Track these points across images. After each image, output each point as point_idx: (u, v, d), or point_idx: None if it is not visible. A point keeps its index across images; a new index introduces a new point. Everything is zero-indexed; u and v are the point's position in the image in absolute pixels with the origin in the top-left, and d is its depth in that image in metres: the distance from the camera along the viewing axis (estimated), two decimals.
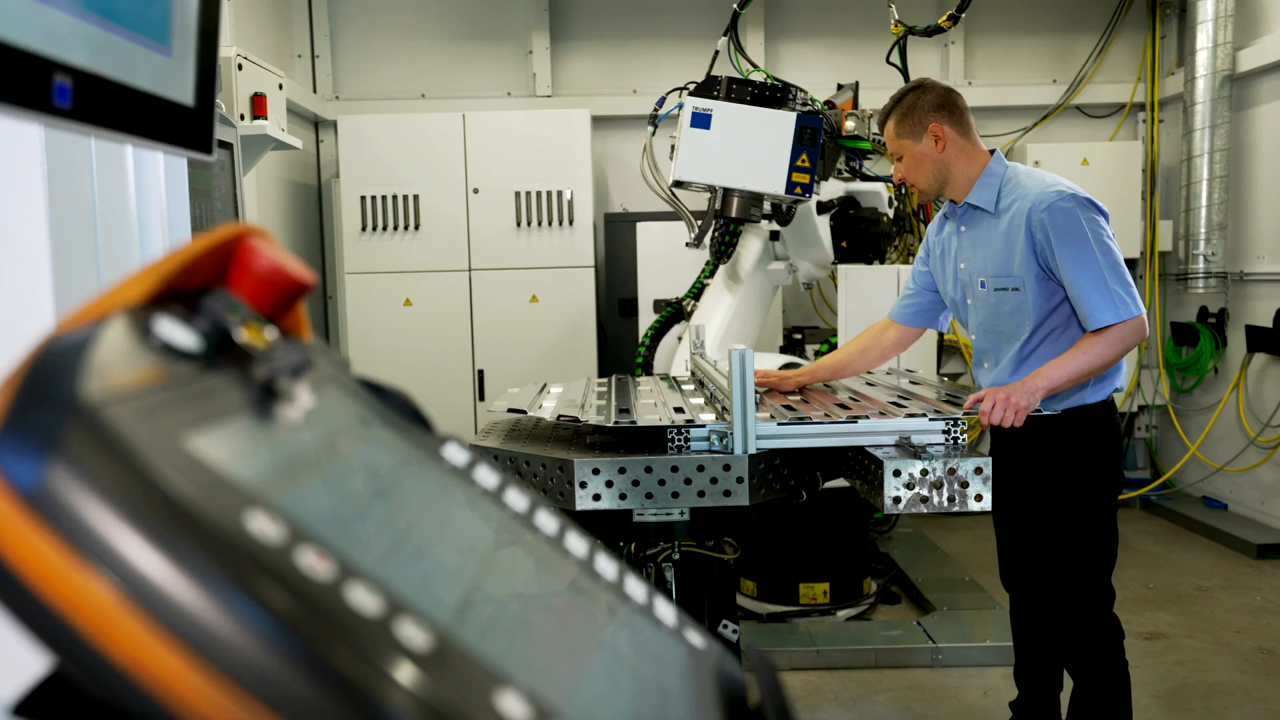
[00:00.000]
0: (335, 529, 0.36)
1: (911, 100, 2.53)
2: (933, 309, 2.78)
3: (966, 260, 2.57)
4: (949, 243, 2.64)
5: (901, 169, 2.58)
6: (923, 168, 2.53)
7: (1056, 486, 2.51)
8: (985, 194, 2.50)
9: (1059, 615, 2.58)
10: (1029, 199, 2.40)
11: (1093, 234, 2.34)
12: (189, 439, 0.34)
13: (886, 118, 2.57)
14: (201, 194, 2.61)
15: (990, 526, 2.86)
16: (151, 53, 0.69)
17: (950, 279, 2.65)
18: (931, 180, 2.54)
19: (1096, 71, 6.10)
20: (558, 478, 2.05)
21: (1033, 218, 2.38)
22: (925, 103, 2.52)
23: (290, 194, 5.68)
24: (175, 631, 0.29)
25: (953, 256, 2.62)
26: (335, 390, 0.47)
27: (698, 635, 0.51)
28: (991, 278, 2.49)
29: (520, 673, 0.36)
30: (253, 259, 0.45)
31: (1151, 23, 6.05)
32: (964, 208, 2.55)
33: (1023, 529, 2.65)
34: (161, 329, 0.39)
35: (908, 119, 2.53)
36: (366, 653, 0.30)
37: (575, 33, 6.11)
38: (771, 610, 4.12)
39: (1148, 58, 6.06)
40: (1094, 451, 2.49)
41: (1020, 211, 2.41)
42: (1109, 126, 6.17)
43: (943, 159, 2.52)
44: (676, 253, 3.95)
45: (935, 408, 2.27)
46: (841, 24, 6.03)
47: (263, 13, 5.47)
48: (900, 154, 2.56)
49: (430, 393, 5.24)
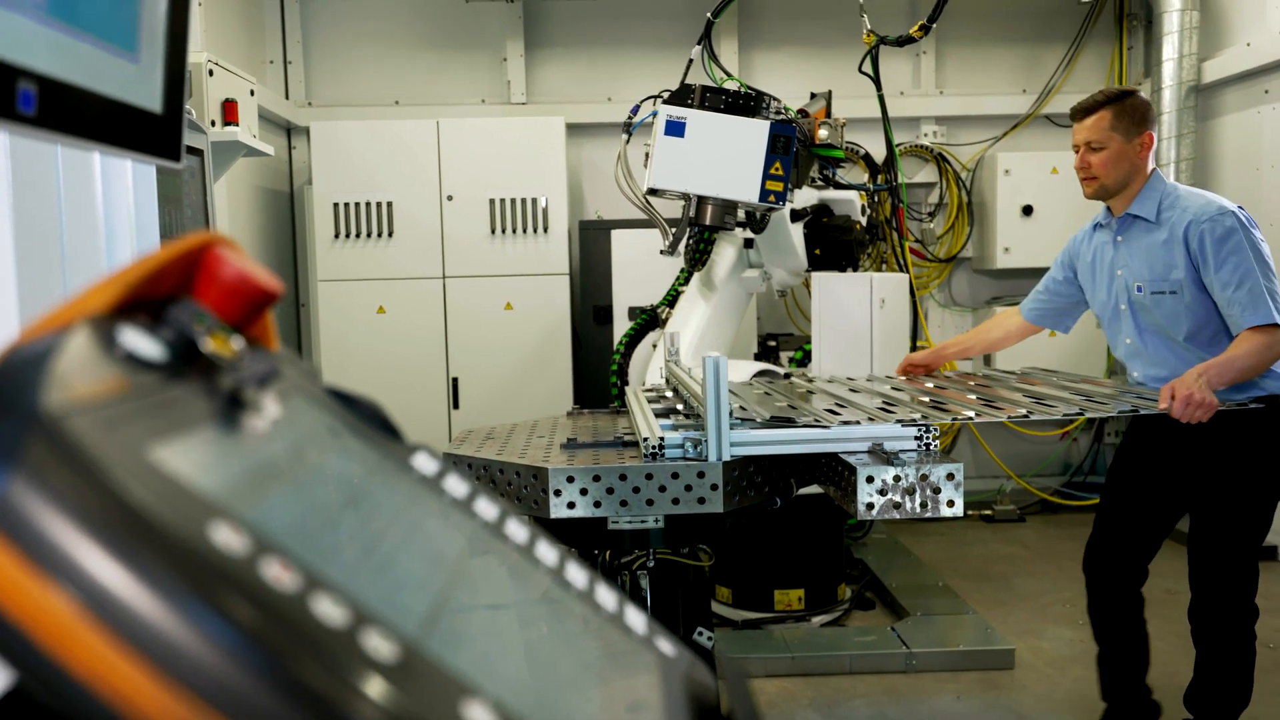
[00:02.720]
0: (302, 540, 0.36)
1: (1137, 102, 2.71)
2: (1060, 313, 3.04)
3: (1124, 267, 2.76)
4: (1102, 251, 2.84)
5: (1091, 158, 2.70)
6: (1119, 165, 2.69)
7: (1230, 471, 2.65)
8: (1147, 206, 2.70)
9: (1207, 597, 2.74)
10: (1190, 212, 2.61)
11: (1250, 246, 2.55)
12: (152, 450, 0.34)
13: (1099, 106, 2.70)
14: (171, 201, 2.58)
15: (962, 531, 2.93)
16: (118, 59, 0.68)
17: (1105, 285, 2.83)
18: (1119, 179, 2.70)
19: (1065, 81, 6.17)
20: (532, 485, 2.05)
21: (1191, 230, 2.58)
22: (1147, 110, 2.72)
23: (262, 201, 5.64)
24: (137, 645, 0.29)
25: (1107, 264, 2.81)
26: (303, 400, 0.47)
27: (668, 643, 0.51)
28: (1149, 282, 2.68)
29: (488, 683, 0.36)
30: (219, 268, 0.45)
31: (1119, 34, 6.14)
32: (1124, 219, 2.75)
33: (1159, 512, 2.82)
34: (125, 339, 0.38)
35: (1129, 116, 2.68)
36: (332, 665, 0.30)
37: (550, 40, 6.11)
38: (746, 617, 4.13)
39: (1115, 69, 6.15)
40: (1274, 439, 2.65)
41: (1180, 223, 2.61)
42: None
43: (1137, 165, 2.70)
44: (651, 260, 3.96)
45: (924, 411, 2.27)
46: (814, 33, 6.07)
47: (234, 18, 5.44)
48: (1103, 144, 2.68)
49: (404, 400, 5.21)
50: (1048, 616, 4.30)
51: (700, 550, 2.48)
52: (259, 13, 5.85)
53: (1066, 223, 5.86)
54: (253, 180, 5.44)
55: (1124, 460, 2.94)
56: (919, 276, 6.11)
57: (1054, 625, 4.19)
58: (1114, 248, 2.79)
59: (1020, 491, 6.07)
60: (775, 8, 6.08)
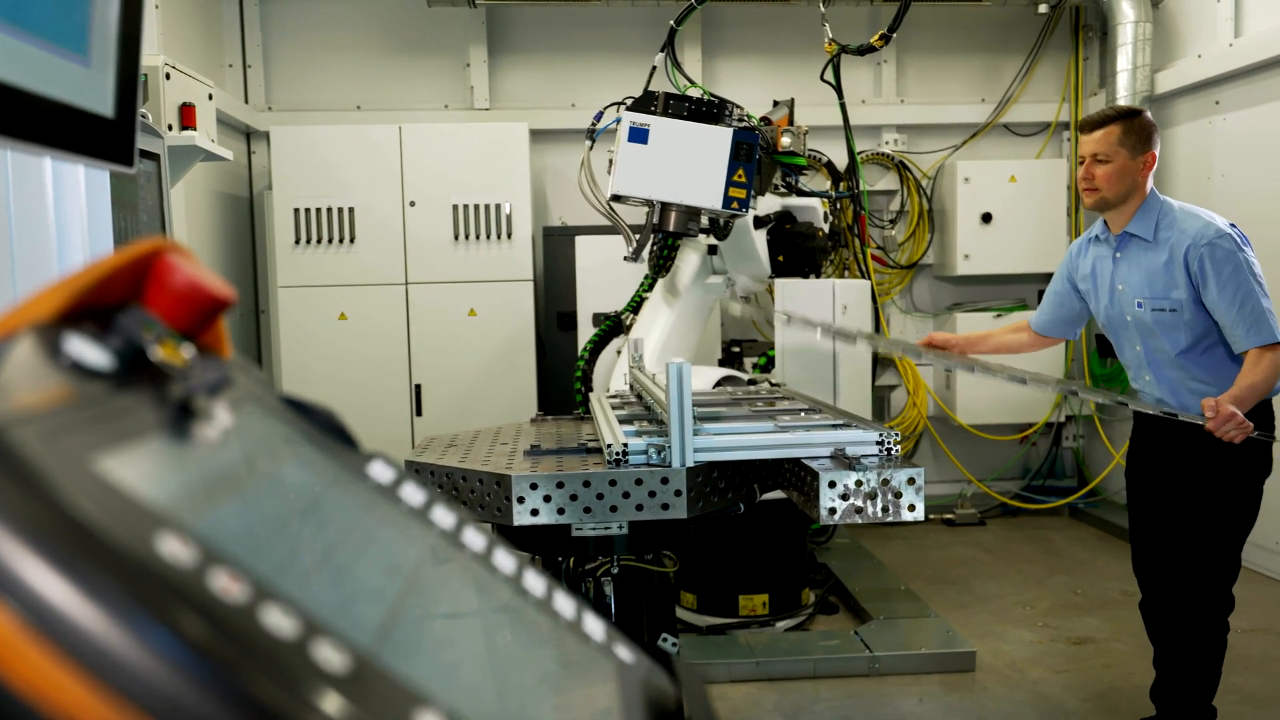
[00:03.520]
0: (252, 550, 0.35)
1: (1145, 122, 2.80)
2: (1067, 322, 3.12)
3: (1124, 283, 2.84)
4: (1102, 265, 2.92)
5: (1096, 170, 2.77)
6: (1122, 180, 2.76)
7: (1211, 468, 2.74)
8: (1145, 225, 2.78)
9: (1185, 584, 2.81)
10: (1189, 235, 2.69)
11: (1246, 265, 2.65)
12: (98, 460, 0.33)
13: (1110, 121, 2.77)
14: (127, 205, 2.54)
15: (924, 535, 2.97)
16: (69, 63, 0.67)
17: (1106, 297, 2.92)
18: (1119, 193, 2.78)
19: (1023, 91, 6.27)
20: (495, 493, 2.04)
21: (1191, 253, 2.67)
22: (1153, 131, 2.81)
23: (221, 206, 5.57)
24: (81, 659, 0.29)
25: (1108, 279, 2.90)
26: (256, 408, 0.46)
27: (626, 650, 0.51)
28: (1149, 299, 2.78)
29: (443, 693, 0.36)
30: (170, 275, 0.44)
31: (1075, 45, 6.25)
32: (1122, 237, 2.83)
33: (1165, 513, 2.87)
34: (71, 347, 0.38)
35: (1136, 134, 2.77)
36: (281, 676, 0.30)
37: (513, 46, 6.10)
38: (711, 622, 4.13)
39: (1071, 79, 6.26)
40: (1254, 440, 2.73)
41: (1180, 245, 2.70)
42: (1035, 144, 6.35)
43: (1139, 182, 2.78)
44: (615, 266, 3.96)
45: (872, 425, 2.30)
46: (777, 42, 6.12)
47: (192, 21, 5.37)
48: (1108, 158, 2.75)
49: (367, 407, 5.17)
50: (1008, 619, 4.35)
51: (665, 556, 2.48)
52: (218, 16, 5.78)
53: (1025, 230, 5.98)
54: (212, 185, 5.37)
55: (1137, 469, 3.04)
56: (881, 283, 6.16)
57: (1014, 627, 4.24)
58: (1113, 263, 2.88)
59: (981, 495, 6.14)
60: (738, 16, 6.11)
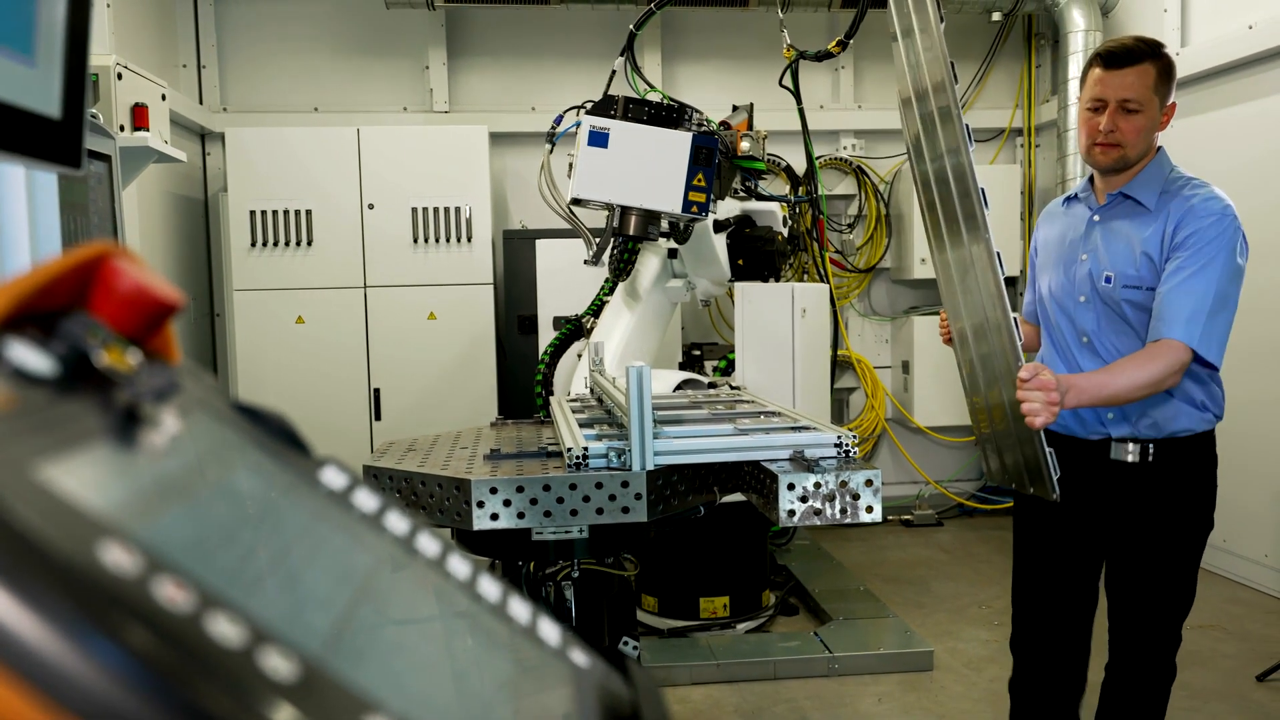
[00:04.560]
0: (199, 559, 0.35)
1: (1172, 63, 2.31)
2: None
3: (1092, 253, 2.36)
4: (1071, 230, 2.43)
5: (1123, 121, 2.28)
6: (1147, 138, 2.30)
7: (1149, 526, 2.33)
8: (1148, 189, 2.30)
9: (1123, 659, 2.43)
10: (1194, 205, 2.23)
11: (1233, 269, 2.20)
12: (39, 468, 0.33)
13: (1145, 57, 2.27)
14: (77, 208, 2.49)
15: (883, 536, 2.94)
16: (12, 62, 0.66)
17: (1061, 267, 2.42)
18: (1141, 153, 2.31)
19: (977, 98, 6.37)
20: (454, 497, 2.02)
21: (1186, 220, 2.21)
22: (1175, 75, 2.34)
23: (175, 208, 5.48)
24: (20, 671, 0.28)
25: (1070, 247, 2.41)
26: (204, 415, 0.46)
27: (581, 654, 0.51)
28: (1121, 275, 2.29)
29: (395, 700, 0.36)
30: (116, 279, 0.43)
31: (1027, 53, 6.36)
32: (1114, 198, 2.34)
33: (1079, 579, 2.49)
34: (13, 353, 0.37)
35: (1168, 78, 2.29)
36: (227, 685, 0.29)
37: (473, 49, 6.08)
38: (673, 625, 4.14)
39: (1024, 86, 6.37)
40: (1195, 487, 2.34)
41: (1178, 214, 2.24)
42: (989, 150, 6.45)
43: (1155, 135, 2.32)
44: (576, 270, 3.96)
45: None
46: (736, 47, 6.16)
47: (145, 21, 5.28)
48: (1140, 106, 2.26)
49: (324, 412, 5.11)
50: (965, 618, 4.41)
51: (625, 560, 2.48)
52: (171, 16, 5.69)
53: None
54: (165, 187, 5.28)
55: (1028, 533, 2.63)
56: (839, 286, 6.22)
57: (970, 626, 4.30)
58: (1088, 227, 2.39)
59: (937, 496, 6.22)
60: (698, 22, 6.14)
